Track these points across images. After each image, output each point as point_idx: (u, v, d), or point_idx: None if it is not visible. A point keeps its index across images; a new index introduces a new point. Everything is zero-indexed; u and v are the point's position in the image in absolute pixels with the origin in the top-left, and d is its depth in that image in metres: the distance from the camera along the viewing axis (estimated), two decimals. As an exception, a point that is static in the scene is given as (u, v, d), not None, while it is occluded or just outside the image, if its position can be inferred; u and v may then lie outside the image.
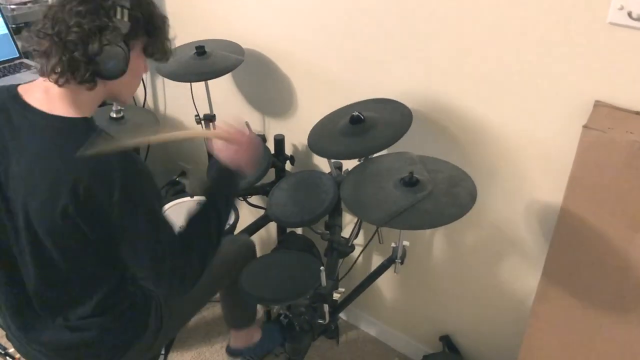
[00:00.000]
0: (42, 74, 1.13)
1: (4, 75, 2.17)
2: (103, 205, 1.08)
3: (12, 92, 1.16)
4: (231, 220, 1.74)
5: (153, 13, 1.16)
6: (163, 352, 1.81)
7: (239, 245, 1.73)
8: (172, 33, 1.23)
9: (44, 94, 1.13)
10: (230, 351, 2.02)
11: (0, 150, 1.14)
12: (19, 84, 1.18)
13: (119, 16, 1.08)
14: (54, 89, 1.12)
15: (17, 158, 1.12)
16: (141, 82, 2.32)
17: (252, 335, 1.99)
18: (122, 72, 1.13)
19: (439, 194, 1.36)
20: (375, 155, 1.55)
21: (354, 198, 1.44)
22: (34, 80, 1.18)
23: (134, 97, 2.45)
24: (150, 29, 1.16)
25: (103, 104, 2.17)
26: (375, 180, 1.45)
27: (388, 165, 1.50)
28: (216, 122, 1.60)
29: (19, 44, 2.39)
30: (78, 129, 1.12)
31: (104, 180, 1.07)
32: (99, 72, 1.10)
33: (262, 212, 2.05)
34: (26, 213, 1.13)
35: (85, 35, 1.06)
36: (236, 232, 1.92)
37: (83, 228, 1.12)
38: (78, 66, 1.08)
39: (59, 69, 1.09)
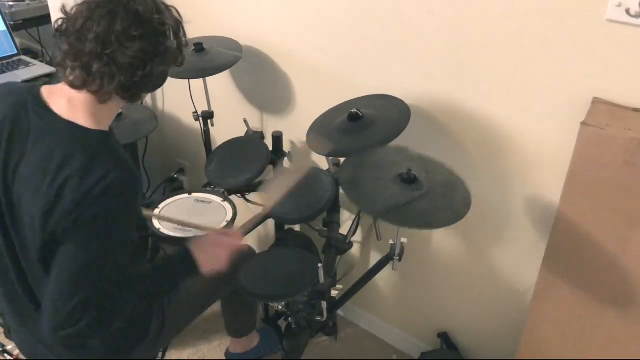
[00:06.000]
0: (71, 85, 1.09)
1: (2, 72, 2.16)
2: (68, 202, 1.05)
3: (34, 94, 1.14)
4: (229, 216, 1.74)
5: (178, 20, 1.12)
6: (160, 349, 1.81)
7: (241, 254, 1.72)
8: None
9: (67, 102, 1.11)
10: (230, 357, 2.02)
11: (13, 147, 1.11)
12: (43, 84, 1.16)
13: (171, 37, 1.05)
14: (78, 99, 1.10)
15: (27, 158, 1.10)
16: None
17: (251, 341, 1.99)
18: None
19: (435, 195, 1.36)
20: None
21: (351, 184, 1.43)
22: (57, 84, 1.15)
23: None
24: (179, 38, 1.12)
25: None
26: (374, 170, 1.45)
27: (387, 158, 1.49)
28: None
29: (18, 41, 2.39)
30: (94, 141, 1.10)
31: (88, 184, 1.04)
32: (142, 91, 1.10)
33: (260, 208, 2.04)
34: (32, 215, 1.10)
35: (142, 59, 1.04)
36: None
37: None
38: (127, 87, 1.07)
39: (97, 85, 1.07)
